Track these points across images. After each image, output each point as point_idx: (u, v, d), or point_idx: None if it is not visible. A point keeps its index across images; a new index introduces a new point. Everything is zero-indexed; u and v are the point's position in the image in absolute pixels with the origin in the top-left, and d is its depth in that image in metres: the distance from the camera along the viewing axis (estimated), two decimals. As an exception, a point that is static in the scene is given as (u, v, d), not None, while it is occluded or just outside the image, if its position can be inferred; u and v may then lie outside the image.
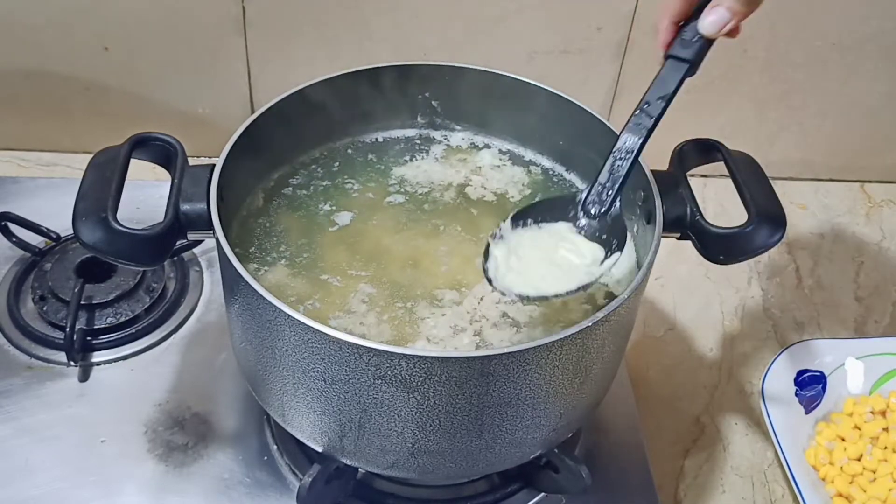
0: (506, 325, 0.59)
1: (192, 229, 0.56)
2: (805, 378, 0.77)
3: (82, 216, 0.53)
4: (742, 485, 0.73)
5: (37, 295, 0.78)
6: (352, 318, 0.58)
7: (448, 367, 0.49)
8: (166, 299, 0.79)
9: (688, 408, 0.79)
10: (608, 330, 0.54)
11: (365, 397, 0.52)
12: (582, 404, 0.59)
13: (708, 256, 0.60)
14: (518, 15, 0.89)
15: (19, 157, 0.98)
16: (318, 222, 0.65)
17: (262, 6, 0.88)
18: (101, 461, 0.67)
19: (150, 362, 0.75)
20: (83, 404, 0.71)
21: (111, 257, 0.53)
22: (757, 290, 0.91)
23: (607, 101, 0.97)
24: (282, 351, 0.53)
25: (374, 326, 0.58)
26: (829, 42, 0.93)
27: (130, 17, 0.88)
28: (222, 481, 0.67)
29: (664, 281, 0.89)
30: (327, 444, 0.58)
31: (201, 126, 0.96)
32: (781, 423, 0.73)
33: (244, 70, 0.92)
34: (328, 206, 0.67)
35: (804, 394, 0.76)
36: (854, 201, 1.04)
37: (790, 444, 0.71)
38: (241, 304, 0.54)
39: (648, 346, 0.83)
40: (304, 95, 0.65)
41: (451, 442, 0.54)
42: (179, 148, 0.59)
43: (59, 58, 0.91)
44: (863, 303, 0.90)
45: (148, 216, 0.74)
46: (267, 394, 0.60)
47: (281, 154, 0.68)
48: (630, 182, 0.57)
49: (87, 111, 0.95)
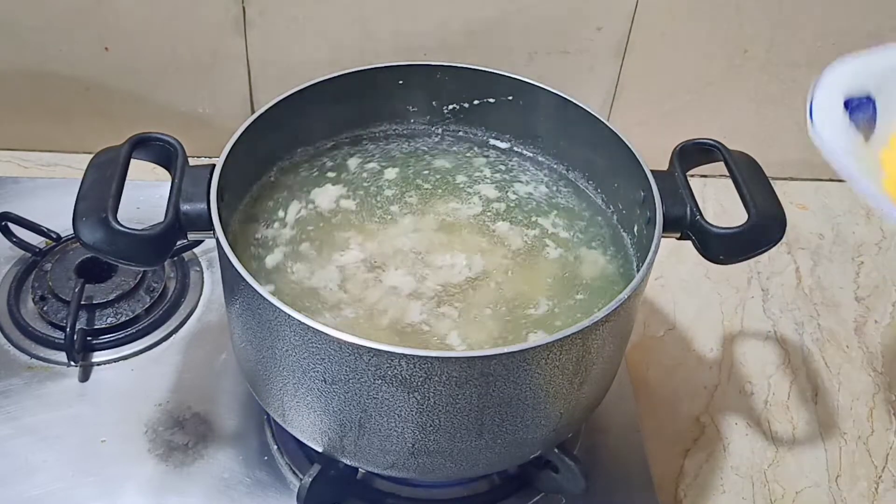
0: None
1: (192, 229, 0.56)
2: (854, 104, 0.64)
3: (82, 216, 0.53)
4: (742, 485, 0.73)
5: (37, 295, 0.78)
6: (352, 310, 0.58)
7: (448, 367, 0.49)
8: (166, 299, 0.79)
9: (688, 408, 0.79)
10: (608, 330, 0.54)
11: (365, 397, 0.52)
12: (582, 404, 0.60)
13: (708, 256, 0.60)
14: (518, 15, 0.89)
15: (19, 157, 0.98)
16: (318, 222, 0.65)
17: (262, 6, 0.88)
18: (101, 461, 0.67)
19: (150, 362, 0.75)
20: (83, 404, 0.71)
21: (111, 257, 0.53)
22: (757, 290, 0.91)
23: (607, 101, 0.97)
24: (282, 351, 0.53)
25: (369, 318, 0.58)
26: (829, 42, 0.93)
27: (130, 18, 0.88)
28: (222, 481, 0.67)
29: (664, 281, 0.90)
30: (327, 444, 0.58)
31: (201, 126, 0.96)
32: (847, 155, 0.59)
33: (244, 70, 0.92)
34: (328, 206, 0.67)
35: (859, 117, 0.63)
36: (854, 201, 1.04)
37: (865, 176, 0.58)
38: (241, 304, 0.54)
39: (648, 346, 0.83)
40: (305, 95, 0.65)
41: (452, 442, 0.54)
42: (179, 148, 0.59)
43: (59, 58, 0.91)
44: (863, 303, 0.90)
45: (148, 216, 0.74)
46: (267, 394, 0.60)
47: (281, 154, 0.68)
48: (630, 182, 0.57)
49: (88, 111, 0.95)
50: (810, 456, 0.76)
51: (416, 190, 0.69)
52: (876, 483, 0.74)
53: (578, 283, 0.63)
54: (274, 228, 0.65)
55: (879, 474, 0.75)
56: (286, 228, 0.65)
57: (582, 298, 0.62)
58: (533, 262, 0.64)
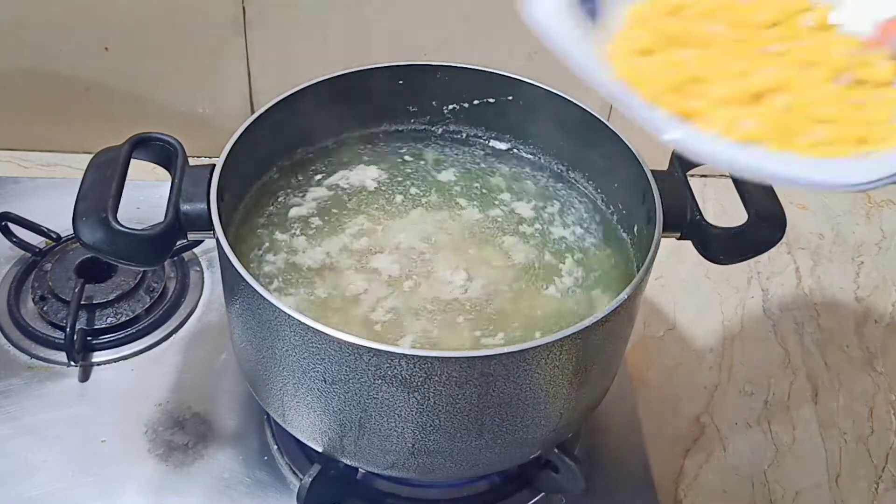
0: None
1: (192, 229, 0.56)
2: None
3: (82, 216, 0.53)
4: (742, 485, 0.73)
5: (37, 295, 0.78)
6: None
7: (448, 367, 0.49)
8: (166, 299, 0.79)
9: (688, 408, 0.79)
10: (608, 330, 0.54)
11: (365, 397, 0.52)
12: (582, 404, 0.59)
13: (708, 256, 0.60)
14: (518, 15, 0.89)
15: (19, 157, 0.98)
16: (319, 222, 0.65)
17: (262, 6, 0.88)
18: (101, 461, 0.67)
19: (150, 362, 0.75)
20: (83, 404, 0.71)
21: (111, 257, 0.53)
22: (757, 290, 0.91)
23: (607, 101, 0.96)
24: (282, 351, 0.53)
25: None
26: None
27: (130, 18, 0.88)
28: (222, 481, 0.67)
29: (664, 281, 0.89)
30: (327, 444, 0.58)
31: (201, 126, 0.96)
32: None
33: (244, 70, 0.92)
34: (328, 206, 0.67)
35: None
36: (854, 201, 1.04)
37: None
38: (242, 304, 0.54)
39: (648, 346, 0.83)
40: (305, 95, 0.65)
41: (452, 442, 0.54)
42: (179, 148, 0.59)
43: (59, 58, 0.91)
44: (863, 303, 0.90)
45: (148, 216, 0.74)
46: (267, 394, 0.60)
47: (281, 154, 0.68)
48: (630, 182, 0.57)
49: (88, 111, 0.95)
50: (810, 456, 0.76)
51: (414, 191, 0.69)
52: (876, 483, 0.74)
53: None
54: (274, 228, 0.65)
55: (879, 474, 0.75)
56: (286, 228, 0.65)
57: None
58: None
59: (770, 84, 0.51)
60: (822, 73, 0.52)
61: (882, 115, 0.50)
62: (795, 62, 0.52)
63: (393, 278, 0.61)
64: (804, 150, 0.48)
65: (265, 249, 0.63)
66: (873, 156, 0.47)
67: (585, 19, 0.53)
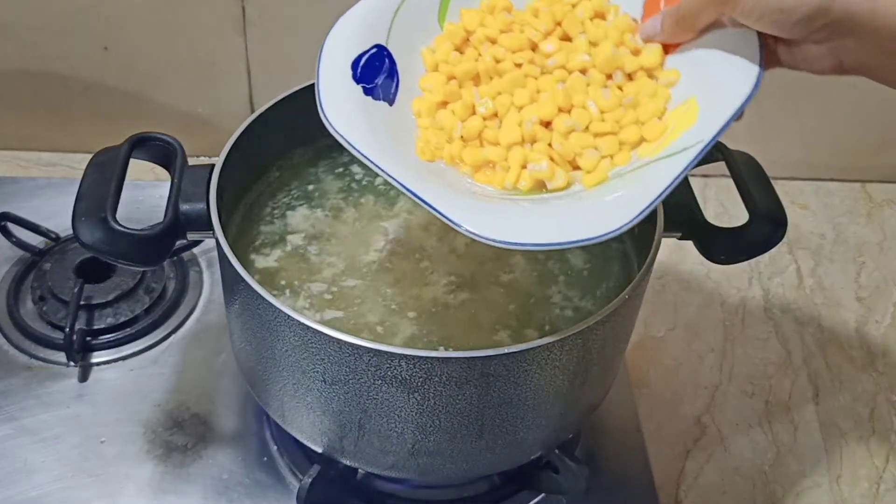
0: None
1: (191, 229, 0.56)
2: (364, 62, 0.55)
3: (82, 216, 0.53)
4: (743, 485, 0.73)
5: (36, 295, 0.77)
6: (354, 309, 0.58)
7: (448, 367, 0.49)
8: (166, 299, 0.79)
9: (688, 408, 0.78)
10: (608, 330, 0.54)
11: (365, 398, 0.52)
12: (582, 405, 0.59)
13: (709, 256, 0.60)
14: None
15: (19, 157, 0.98)
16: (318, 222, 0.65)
17: (262, 6, 0.88)
18: (101, 461, 0.67)
19: (149, 362, 0.75)
20: (83, 404, 0.71)
21: (111, 257, 0.53)
22: (758, 290, 0.90)
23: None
24: (282, 351, 0.53)
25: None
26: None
27: (130, 17, 0.88)
28: (222, 482, 0.67)
29: (665, 281, 0.89)
30: (327, 445, 0.58)
31: (201, 126, 0.95)
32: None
33: (244, 70, 0.92)
34: (328, 205, 0.66)
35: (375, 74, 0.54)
36: (855, 201, 1.04)
37: None
38: (241, 304, 0.54)
39: (648, 346, 0.83)
40: (305, 95, 0.65)
41: (452, 442, 0.54)
42: (179, 148, 0.59)
43: (58, 58, 0.91)
44: (864, 303, 0.90)
45: (148, 216, 0.74)
46: (267, 394, 0.59)
47: (281, 154, 0.68)
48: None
49: (87, 111, 0.95)
50: (811, 456, 0.76)
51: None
52: (877, 484, 0.74)
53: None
54: (274, 228, 0.64)
55: (881, 475, 0.75)
56: (286, 228, 0.64)
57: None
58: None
59: (552, 110, 0.51)
60: (597, 77, 0.52)
61: (657, 107, 0.51)
62: (573, 71, 0.52)
63: (397, 277, 0.61)
64: (590, 176, 0.50)
65: (265, 250, 0.63)
66: (629, 186, 0.48)
67: (381, 103, 0.54)
